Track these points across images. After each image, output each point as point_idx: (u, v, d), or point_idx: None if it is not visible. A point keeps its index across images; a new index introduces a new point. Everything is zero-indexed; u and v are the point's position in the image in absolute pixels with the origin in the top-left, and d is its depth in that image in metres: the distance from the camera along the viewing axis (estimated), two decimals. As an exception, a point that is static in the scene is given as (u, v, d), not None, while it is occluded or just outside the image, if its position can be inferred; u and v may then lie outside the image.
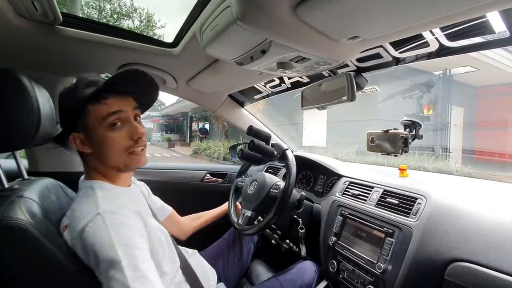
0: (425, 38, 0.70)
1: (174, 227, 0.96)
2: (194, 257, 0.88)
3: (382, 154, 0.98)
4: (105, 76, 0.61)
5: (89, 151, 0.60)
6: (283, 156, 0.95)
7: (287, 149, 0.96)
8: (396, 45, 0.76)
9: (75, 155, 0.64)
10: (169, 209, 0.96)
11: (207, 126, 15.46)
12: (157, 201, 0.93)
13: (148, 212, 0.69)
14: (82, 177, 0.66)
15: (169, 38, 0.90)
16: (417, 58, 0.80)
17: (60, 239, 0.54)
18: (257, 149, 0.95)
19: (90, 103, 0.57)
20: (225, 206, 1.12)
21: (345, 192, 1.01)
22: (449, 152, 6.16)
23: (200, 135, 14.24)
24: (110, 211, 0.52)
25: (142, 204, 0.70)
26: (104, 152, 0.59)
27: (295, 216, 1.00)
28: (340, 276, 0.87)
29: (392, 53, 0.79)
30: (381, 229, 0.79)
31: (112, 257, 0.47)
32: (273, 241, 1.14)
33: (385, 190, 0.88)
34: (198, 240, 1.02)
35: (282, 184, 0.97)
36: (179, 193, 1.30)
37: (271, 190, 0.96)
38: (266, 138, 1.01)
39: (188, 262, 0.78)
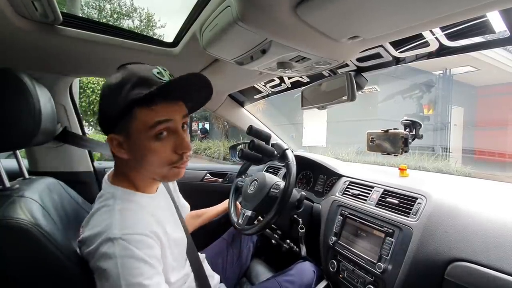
0: (425, 38, 0.70)
1: None
2: (205, 263, 0.85)
3: (382, 154, 0.98)
4: (157, 72, 0.53)
5: (125, 157, 0.54)
6: (283, 156, 0.95)
7: (287, 148, 0.96)
8: (396, 44, 0.76)
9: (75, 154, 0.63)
10: (187, 206, 0.91)
11: (207, 126, 15.43)
12: (180, 197, 0.89)
13: (169, 218, 0.66)
14: (108, 174, 0.61)
15: (169, 38, 0.90)
16: (417, 58, 0.80)
17: (61, 238, 0.54)
18: (257, 149, 0.95)
19: (137, 106, 0.50)
20: (225, 203, 1.12)
21: (345, 192, 1.01)
22: (449, 152, 6.16)
23: (201, 135, 14.17)
24: (122, 238, 0.47)
25: (165, 210, 0.66)
26: (143, 162, 0.54)
27: (295, 216, 1.00)
28: (340, 276, 0.87)
29: (392, 53, 0.79)
30: (381, 229, 0.79)
31: None
32: (273, 241, 1.14)
33: (385, 190, 0.88)
34: (198, 240, 1.02)
35: (282, 183, 0.97)
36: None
37: (271, 190, 0.96)
38: (266, 138, 1.01)
39: (203, 270, 0.76)
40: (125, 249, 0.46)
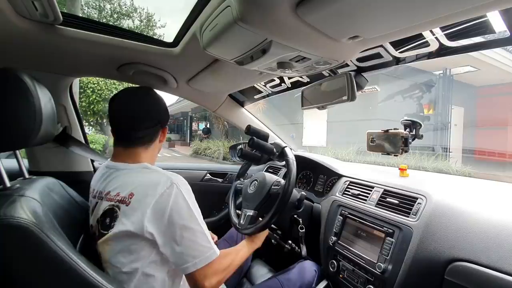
0: (425, 38, 0.70)
1: None
2: None
3: (382, 154, 0.99)
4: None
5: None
6: (282, 153, 0.95)
7: (286, 146, 0.96)
8: (396, 44, 0.76)
9: (78, 151, 0.64)
10: None
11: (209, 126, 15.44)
12: None
13: None
14: (125, 163, 0.70)
15: (169, 38, 0.90)
16: (418, 57, 0.80)
17: (61, 238, 0.54)
18: (257, 147, 0.95)
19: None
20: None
21: (345, 192, 1.01)
22: (449, 152, 6.16)
23: (203, 135, 14.08)
24: (181, 181, 0.65)
25: None
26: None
27: (295, 216, 1.00)
28: (340, 276, 0.87)
29: (392, 53, 0.79)
30: (381, 229, 0.79)
31: (188, 216, 0.61)
32: (273, 241, 1.14)
33: (385, 190, 0.88)
34: None
35: (283, 181, 0.97)
36: None
37: (273, 187, 0.95)
38: (264, 137, 1.01)
39: None
40: (187, 189, 0.66)
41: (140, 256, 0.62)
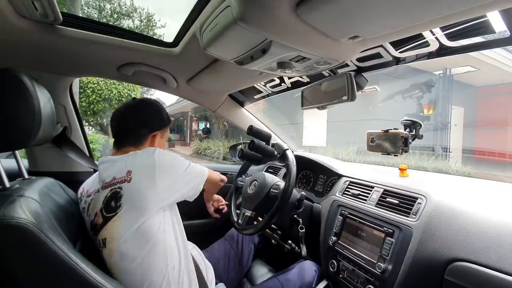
0: (425, 38, 0.70)
1: None
2: (195, 250, 0.90)
3: (382, 154, 0.98)
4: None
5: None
6: (283, 156, 0.95)
7: (287, 149, 0.96)
8: (396, 44, 0.76)
9: (72, 156, 0.65)
10: None
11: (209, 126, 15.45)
12: None
13: None
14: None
15: (169, 38, 0.90)
16: (417, 57, 0.80)
17: (60, 238, 0.54)
18: (257, 149, 0.95)
19: None
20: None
21: (345, 192, 1.01)
22: (449, 152, 6.15)
23: (203, 135, 14.10)
24: (162, 150, 0.72)
25: None
26: None
27: (295, 216, 1.00)
28: (340, 276, 0.87)
29: (392, 53, 0.79)
30: (381, 229, 0.79)
31: (178, 164, 0.73)
32: (273, 241, 1.14)
33: (385, 190, 0.88)
34: (198, 240, 1.02)
35: (282, 184, 0.97)
36: None
37: (271, 190, 0.96)
38: (266, 138, 1.01)
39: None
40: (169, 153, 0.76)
41: (150, 225, 0.64)
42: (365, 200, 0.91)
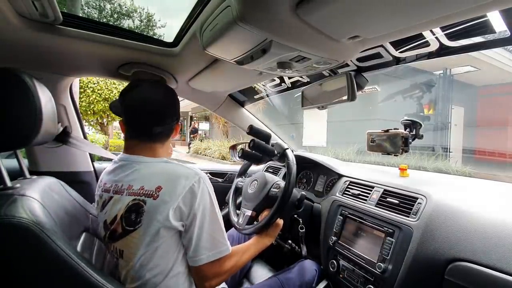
0: (425, 38, 0.70)
1: None
2: None
3: (382, 154, 0.99)
4: None
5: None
6: (283, 156, 0.95)
7: (287, 148, 0.96)
8: (397, 44, 0.76)
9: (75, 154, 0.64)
10: None
11: (205, 126, 15.60)
12: None
13: None
14: (141, 156, 0.70)
15: (169, 38, 0.90)
16: (418, 57, 0.80)
17: (61, 237, 0.54)
18: (258, 148, 0.95)
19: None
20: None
21: (345, 192, 1.01)
22: (449, 151, 6.15)
23: (191, 135, 14.40)
24: (206, 178, 0.68)
25: None
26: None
27: (295, 215, 1.00)
28: (340, 275, 0.87)
29: (393, 53, 0.79)
30: (381, 228, 0.79)
31: (210, 211, 0.65)
32: (273, 241, 1.14)
33: (385, 190, 0.88)
34: None
35: (282, 183, 0.97)
36: None
37: (272, 189, 0.96)
38: (266, 137, 1.01)
39: None
40: (209, 184, 0.70)
41: (166, 248, 0.63)
42: (365, 200, 0.91)
